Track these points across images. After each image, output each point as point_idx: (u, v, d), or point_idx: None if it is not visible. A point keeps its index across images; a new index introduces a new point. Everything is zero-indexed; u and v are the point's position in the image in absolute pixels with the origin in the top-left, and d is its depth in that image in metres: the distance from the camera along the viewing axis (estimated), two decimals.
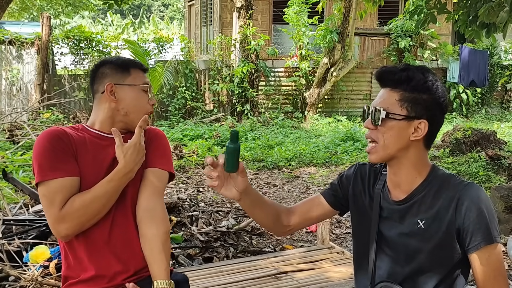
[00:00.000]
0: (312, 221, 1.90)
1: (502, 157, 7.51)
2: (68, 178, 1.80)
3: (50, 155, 1.80)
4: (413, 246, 1.59)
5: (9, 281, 3.46)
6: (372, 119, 1.59)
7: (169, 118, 12.59)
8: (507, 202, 4.88)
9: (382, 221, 1.67)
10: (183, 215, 4.90)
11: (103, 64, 1.97)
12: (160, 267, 1.83)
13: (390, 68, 1.61)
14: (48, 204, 1.79)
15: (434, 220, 1.56)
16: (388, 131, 1.56)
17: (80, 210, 1.78)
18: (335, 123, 12.47)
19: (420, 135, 1.56)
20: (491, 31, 5.36)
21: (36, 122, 10.24)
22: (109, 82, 1.91)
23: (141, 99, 1.96)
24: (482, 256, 1.52)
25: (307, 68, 13.02)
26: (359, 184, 1.77)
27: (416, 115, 1.55)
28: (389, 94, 1.59)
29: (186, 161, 8.00)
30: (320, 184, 7.08)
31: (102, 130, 1.94)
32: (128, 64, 1.97)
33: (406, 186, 1.63)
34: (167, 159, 2.01)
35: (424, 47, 14.10)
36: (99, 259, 1.85)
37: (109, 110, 1.93)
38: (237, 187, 1.62)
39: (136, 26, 27.10)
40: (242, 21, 12.71)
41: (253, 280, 3.18)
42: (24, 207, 4.63)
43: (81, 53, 12.67)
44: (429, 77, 1.56)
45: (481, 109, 14.70)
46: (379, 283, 1.65)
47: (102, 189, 1.80)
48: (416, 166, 1.61)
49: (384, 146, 1.58)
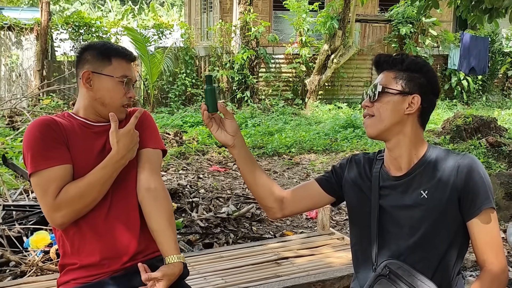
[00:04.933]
0: (307, 205, 1.91)
1: (502, 144, 7.51)
2: (61, 166, 1.79)
3: (41, 144, 1.79)
4: (418, 216, 1.64)
5: (9, 266, 3.47)
6: (369, 96, 1.70)
7: (169, 104, 12.56)
8: (507, 189, 4.88)
9: (383, 198, 1.70)
10: (183, 202, 4.90)
11: (87, 49, 1.93)
12: (170, 243, 1.84)
13: (386, 54, 1.76)
14: (42, 193, 1.78)
15: (436, 189, 1.63)
16: (384, 105, 1.67)
17: (74, 197, 1.77)
18: (335, 110, 12.45)
19: (413, 109, 1.66)
20: (493, 16, 5.31)
21: (36, 108, 10.22)
22: (87, 70, 1.88)
23: (117, 91, 1.90)
24: (482, 220, 1.60)
25: (307, 55, 12.96)
26: (355, 170, 1.81)
27: (409, 91, 1.66)
28: (385, 75, 1.71)
29: (186, 147, 7.99)
30: (320, 171, 7.08)
31: (87, 118, 1.92)
32: (111, 53, 1.90)
33: (405, 163, 1.70)
34: (158, 137, 2.03)
35: (425, 34, 14.02)
36: (98, 244, 1.84)
37: (88, 97, 1.91)
38: (227, 130, 1.76)
39: (135, 13, 26.93)
40: (242, 7, 12.64)
41: (253, 265, 3.18)
42: (24, 192, 4.64)
43: (80, 39, 12.61)
44: (421, 61, 1.71)
45: (481, 96, 14.66)
46: (383, 262, 1.66)
47: (96, 176, 1.80)
48: (414, 142, 1.69)
49: (380, 119, 1.67)
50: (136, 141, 1.86)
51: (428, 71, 1.70)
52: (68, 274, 1.87)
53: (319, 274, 3.00)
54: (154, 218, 1.87)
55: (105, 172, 1.81)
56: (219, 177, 6.61)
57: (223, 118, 1.77)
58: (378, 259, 1.69)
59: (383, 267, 1.64)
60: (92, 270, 1.84)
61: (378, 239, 1.69)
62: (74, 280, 1.85)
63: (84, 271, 1.85)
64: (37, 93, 11.16)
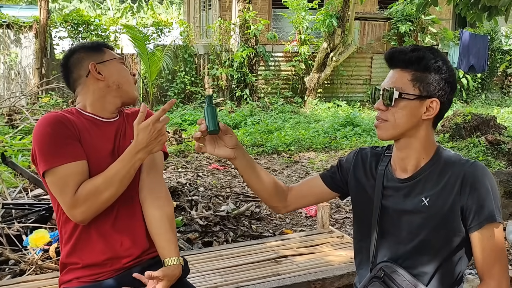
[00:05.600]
0: (311, 200, 1.91)
1: (501, 142, 7.51)
2: (77, 162, 1.76)
3: (54, 141, 1.75)
4: (417, 223, 1.59)
5: (9, 265, 3.46)
6: (384, 100, 1.59)
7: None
8: (506, 187, 4.88)
9: (385, 199, 1.67)
10: (183, 200, 4.90)
11: (74, 51, 1.94)
12: (170, 245, 1.84)
13: (400, 48, 1.61)
14: (60, 191, 1.75)
15: (438, 197, 1.57)
16: (401, 111, 1.57)
17: (92, 193, 1.73)
18: (334, 108, 12.44)
19: (432, 114, 1.57)
20: (492, 14, 5.31)
21: (35, 106, 10.20)
22: (92, 62, 1.88)
23: (124, 70, 1.96)
24: (484, 234, 1.53)
25: (306, 53, 12.95)
26: (360, 167, 1.77)
27: (428, 94, 1.56)
28: (400, 75, 1.59)
29: (185, 146, 7.99)
30: (319, 169, 7.07)
31: (95, 113, 1.90)
32: (99, 44, 1.97)
33: (412, 166, 1.63)
34: None
35: (425, 31, 14.01)
36: (102, 244, 1.83)
37: (99, 90, 1.90)
38: (227, 144, 1.68)
39: (134, 10, 26.89)
40: (241, 5, 12.62)
41: (253, 264, 3.18)
42: (24, 191, 4.63)
43: (79, 37, 12.59)
44: (438, 57, 1.57)
45: (481, 94, 14.66)
46: (379, 263, 1.64)
47: (113, 170, 1.76)
48: (424, 146, 1.62)
49: (395, 125, 1.58)
50: (155, 137, 1.73)
51: (447, 70, 1.57)
52: (70, 273, 1.86)
53: (318, 273, 3.00)
54: (155, 220, 1.86)
55: (122, 166, 1.75)
56: (218, 175, 6.61)
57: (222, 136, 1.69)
58: (376, 259, 1.67)
59: (379, 269, 1.62)
60: (95, 270, 1.84)
61: (377, 239, 1.67)
62: (77, 279, 1.84)
63: (87, 270, 1.84)
64: (36, 91, 11.14)
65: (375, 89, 1.64)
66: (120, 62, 1.96)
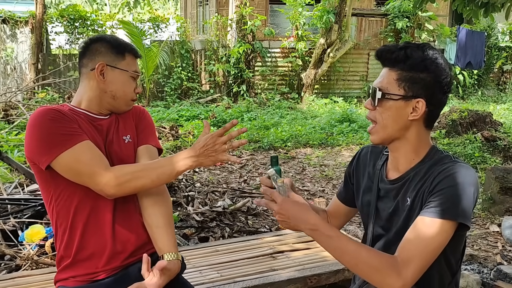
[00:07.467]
0: (344, 220, 1.92)
1: (497, 139, 7.52)
2: (88, 140, 1.75)
3: (57, 126, 1.72)
4: (402, 223, 1.57)
5: (4, 260, 3.46)
6: (370, 97, 1.58)
7: (164, 98, 12.53)
8: (502, 183, 4.89)
9: (380, 200, 1.67)
10: (179, 195, 4.89)
11: (99, 40, 1.91)
12: (169, 241, 1.83)
13: (389, 46, 1.57)
14: (79, 170, 1.72)
15: (416, 197, 1.54)
16: (386, 111, 1.54)
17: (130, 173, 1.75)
18: (331, 104, 12.45)
19: (418, 114, 1.52)
20: (489, 10, 5.31)
21: (31, 101, 10.18)
22: (102, 62, 1.86)
23: (129, 86, 1.92)
24: (424, 223, 1.44)
25: (303, 49, 12.95)
26: (360, 168, 1.79)
27: (413, 95, 1.51)
28: (388, 74, 1.55)
29: (182, 141, 7.98)
30: (316, 165, 7.08)
31: (89, 110, 1.89)
32: (125, 48, 1.92)
33: (403, 167, 1.61)
34: (155, 136, 2.03)
35: (422, 28, 14.02)
36: (99, 240, 1.82)
37: (97, 89, 1.88)
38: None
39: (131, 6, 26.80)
40: (238, 1, 12.60)
41: (249, 259, 3.18)
42: (19, 186, 4.62)
43: (75, 32, 12.56)
44: (428, 55, 1.51)
45: (477, 90, 14.69)
46: None
47: (158, 163, 1.79)
48: (415, 147, 1.58)
49: (383, 126, 1.56)
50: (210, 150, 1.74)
51: (437, 68, 1.51)
52: (66, 271, 1.84)
53: (314, 268, 3.00)
54: (154, 216, 1.86)
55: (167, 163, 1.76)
56: (215, 171, 6.61)
57: None
58: None
59: None
60: (91, 267, 1.82)
61: (372, 242, 1.69)
62: (73, 277, 1.83)
63: (83, 268, 1.82)
64: (32, 86, 11.11)
65: (368, 87, 1.62)
66: (131, 76, 1.92)
